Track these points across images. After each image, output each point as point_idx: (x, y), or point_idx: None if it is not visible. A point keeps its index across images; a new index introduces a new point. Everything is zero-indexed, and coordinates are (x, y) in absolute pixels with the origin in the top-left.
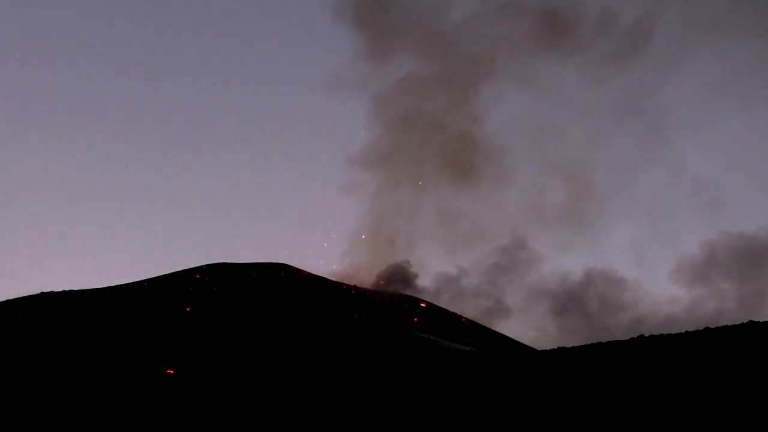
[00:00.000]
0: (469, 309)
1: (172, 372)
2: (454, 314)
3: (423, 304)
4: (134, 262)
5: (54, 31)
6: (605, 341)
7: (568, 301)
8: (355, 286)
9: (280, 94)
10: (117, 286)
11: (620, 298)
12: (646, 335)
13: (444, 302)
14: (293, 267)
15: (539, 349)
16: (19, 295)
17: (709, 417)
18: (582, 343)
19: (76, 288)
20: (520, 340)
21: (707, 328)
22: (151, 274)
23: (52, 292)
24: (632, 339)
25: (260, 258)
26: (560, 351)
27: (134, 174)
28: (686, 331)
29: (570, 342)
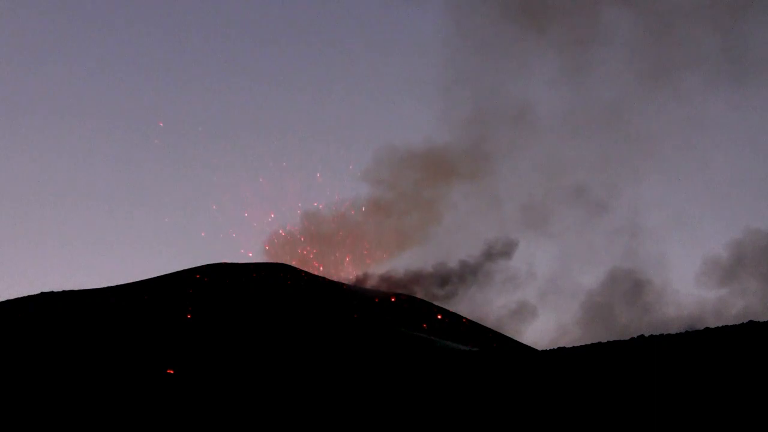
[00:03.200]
0: (490, 310)
1: (172, 372)
2: (454, 314)
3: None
4: (134, 262)
5: (55, 32)
6: (605, 341)
7: (592, 302)
8: (355, 285)
9: (279, 93)
10: (117, 286)
11: (646, 299)
12: (647, 335)
13: (456, 298)
14: (293, 267)
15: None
16: (19, 295)
17: (708, 417)
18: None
19: (76, 288)
20: (540, 341)
21: (707, 328)
22: (151, 274)
23: (52, 292)
24: (632, 339)
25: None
26: (560, 351)
27: (135, 174)
28: (686, 331)
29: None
